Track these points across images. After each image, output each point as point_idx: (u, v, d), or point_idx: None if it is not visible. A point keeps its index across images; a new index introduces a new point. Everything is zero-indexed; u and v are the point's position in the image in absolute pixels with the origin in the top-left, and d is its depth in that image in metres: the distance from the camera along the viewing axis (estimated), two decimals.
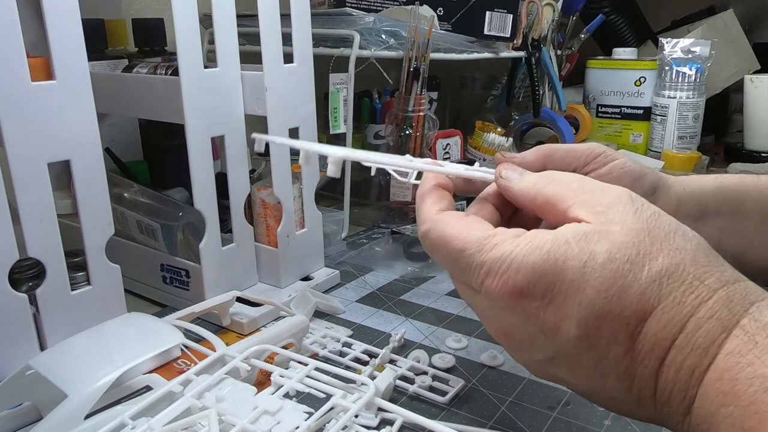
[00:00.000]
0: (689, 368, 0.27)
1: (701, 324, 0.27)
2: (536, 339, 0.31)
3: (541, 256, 0.29)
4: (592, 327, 0.28)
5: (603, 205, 0.30)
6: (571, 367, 0.31)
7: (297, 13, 0.58)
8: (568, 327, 0.29)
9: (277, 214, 0.61)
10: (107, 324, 0.46)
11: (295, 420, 0.34)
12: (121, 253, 0.54)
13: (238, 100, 0.57)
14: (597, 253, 0.28)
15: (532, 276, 0.29)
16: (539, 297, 0.29)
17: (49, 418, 0.36)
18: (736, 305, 0.28)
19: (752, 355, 0.26)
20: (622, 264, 0.28)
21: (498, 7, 0.89)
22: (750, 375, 0.25)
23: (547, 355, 0.31)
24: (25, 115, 0.43)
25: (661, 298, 0.28)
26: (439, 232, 0.33)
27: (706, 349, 0.27)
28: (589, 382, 0.31)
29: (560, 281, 0.29)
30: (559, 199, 0.32)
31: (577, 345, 0.29)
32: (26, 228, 0.44)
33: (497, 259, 0.30)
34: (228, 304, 0.53)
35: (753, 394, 0.25)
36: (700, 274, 0.28)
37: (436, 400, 0.44)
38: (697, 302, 0.28)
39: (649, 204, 0.31)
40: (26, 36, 0.42)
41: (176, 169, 0.65)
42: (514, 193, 0.34)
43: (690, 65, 1.04)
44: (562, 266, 0.29)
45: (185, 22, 0.51)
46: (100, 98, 0.47)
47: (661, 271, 0.28)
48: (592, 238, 0.29)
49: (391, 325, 0.56)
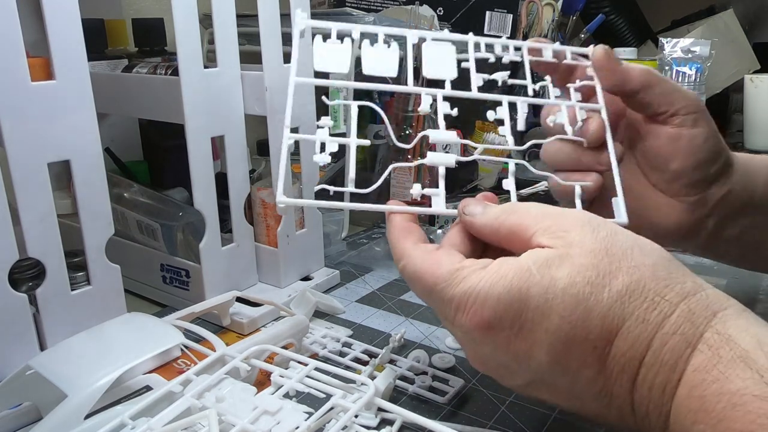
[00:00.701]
0: (660, 385, 0.27)
1: (666, 340, 0.28)
2: (511, 366, 0.31)
3: (506, 286, 0.29)
4: (561, 352, 0.29)
5: (562, 229, 0.31)
6: (549, 391, 0.31)
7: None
8: (539, 353, 0.29)
9: (277, 214, 0.61)
10: (107, 324, 0.46)
11: (295, 420, 0.34)
12: (121, 253, 0.54)
13: (238, 100, 0.57)
14: (558, 278, 0.29)
15: (498, 307, 0.29)
16: (507, 327, 0.30)
17: (49, 418, 0.36)
18: (698, 317, 0.28)
19: (717, 371, 0.26)
20: (583, 287, 0.28)
21: (498, 7, 0.90)
22: (717, 391, 0.25)
23: (525, 381, 0.32)
24: (25, 115, 0.43)
25: (625, 317, 0.28)
26: (413, 267, 0.33)
27: (673, 365, 0.27)
28: (570, 402, 0.31)
29: (526, 309, 0.29)
30: (522, 228, 0.32)
31: (550, 370, 0.30)
32: (26, 228, 0.44)
33: (465, 293, 0.30)
34: (228, 304, 0.53)
35: (721, 411, 0.25)
36: (661, 289, 0.29)
37: (436, 400, 0.44)
38: (660, 318, 0.28)
39: (606, 222, 0.32)
40: (26, 36, 0.42)
41: (176, 169, 0.65)
42: (478, 229, 0.34)
43: (690, 65, 1.04)
44: (526, 294, 0.29)
45: (185, 22, 0.51)
46: (100, 98, 0.47)
47: (622, 290, 0.28)
48: (552, 263, 0.29)
49: (391, 325, 0.56)
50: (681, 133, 0.41)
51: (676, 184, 0.43)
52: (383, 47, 0.38)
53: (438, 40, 0.39)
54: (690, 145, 0.41)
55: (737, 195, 0.44)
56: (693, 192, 0.43)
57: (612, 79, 0.41)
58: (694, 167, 0.42)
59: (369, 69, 0.37)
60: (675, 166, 0.42)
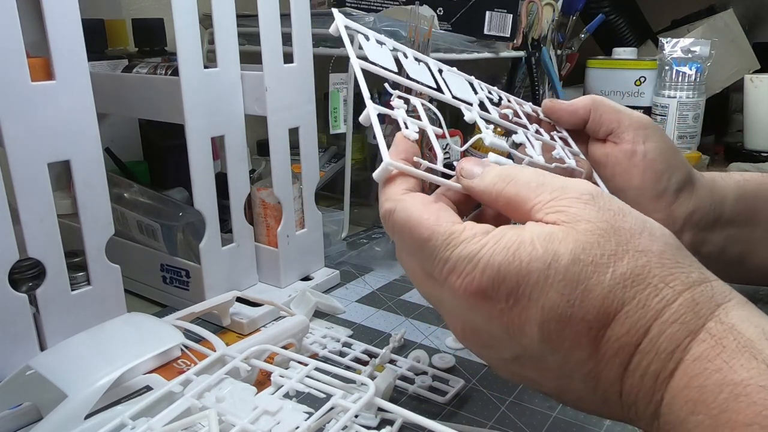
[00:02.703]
0: (654, 373, 0.27)
1: (665, 328, 0.27)
2: (502, 339, 0.30)
3: (507, 256, 0.28)
4: (554, 331, 0.28)
5: (563, 204, 0.30)
6: (536, 368, 0.30)
7: (297, 13, 0.58)
8: (531, 330, 0.28)
9: (277, 214, 0.61)
10: (107, 324, 0.46)
11: (295, 420, 0.34)
12: (121, 253, 0.54)
13: (238, 100, 0.57)
14: (561, 254, 0.28)
15: (497, 277, 0.28)
16: (503, 299, 0.28)
17: (49, 418, 0.36)
18: (702, 308, 0.27)
19: (720, 360, 0.25)
20: (586, 266, 0.28)
21: (498, 7, 0.89)
22: (719, 382, 0.25)
23: (513, 354, 0.30)
24: (25, 115, 0.43)
25: (625, 301, 0.27)
26: (405, 213, 0.31)
27: (670, 354, 0.26)
28: (556, 382, 0.30)
29: (524, 283, 0.28)
30: (520, 200, 0.31)
31: (540, 347, 0.29)
32: (26, 228, 0.44)
33: (464, 257, 0.29)
34: (228, 304, 0.53)
35: (723, 402, 0.24)
36: (665, 276, 0.28)
37: (436, 400, 0.44)
38: (662, 305, 0.27)
39: (614, 200, 0.30)
40: (26, 36, 0.42)
41: (176, 169, 0.65)
42: (476, 194, 0.33)
43: (690, 65, 1.04)
44: (527, 267, 0.28)
45: (185, 22, 0.51)
46: (100, 98, 0.47)
47: (626, 273, 0.28)
48: (556, 238, 0.28)
49: (391, 325, 0.56)
50: (635, 149, 0.44)
51: (643, 200, 0.44)
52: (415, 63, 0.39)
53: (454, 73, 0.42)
54: (645, 159, 0.44)
55: (706, 210, 0.45)
56: (660, 207, 0.44)
57: (564, 116, 0.46)
58: (653, 180, 0.44)
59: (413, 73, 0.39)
60: (636, 182, 0.44)
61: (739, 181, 0.47)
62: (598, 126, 0.46)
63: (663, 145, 0.44)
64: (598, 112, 0.46)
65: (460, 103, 0.39)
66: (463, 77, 0.42)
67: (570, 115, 0.46)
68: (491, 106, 0.42)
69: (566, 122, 0.47)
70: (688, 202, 0.44)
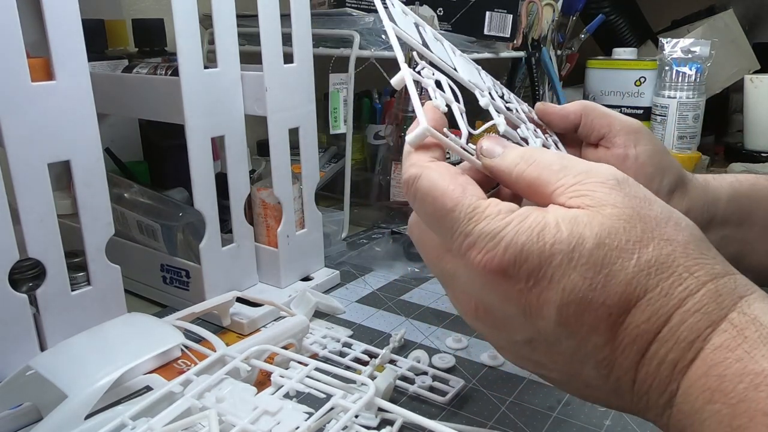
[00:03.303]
0: (672, 362, 0.27)
1: (687, 317, 0.27)
2: (515, 320, 0.30)
3: (531, 237, 0.28)
4: (573, 314, 0.28)
5: (587, 188, 0.29)
6: (548, 352, 0.30)
7: (297, 13, 0.58)
8: (549, 312, 0.28)
9: (277, 214, 0.61)
10: (107, 324, 0.46)
11: (295, 420, 0.34)
12: (121, 253, 0.54)
13: (238, 100, 0.57)
14: (586, 237, 0.27)
15: (520, 256, 0.28)
16: (524, 279, 0.28)
17: (49, 418, 0.36)
18: (724, 299, 0.27)
19: (741, 350, 0.25)
20: (611, 250, 0.27)
21: (498, 7, 0.90)
22: (739, 371, 0.25)
23: (526, 337, 0.30)
24: (25, 115, 0.43)
25: (648, 289, 0.27)
26: (431, 182, 0.30)
27: (690, 343, 0.26)
28: (567, 367, 0.30)
29: (547, 264, 0.28)
30: (542, 183, 0.30)
31: (556, 331, 0.28)
32: (26, 228, 0.44)
33: (487, 233, 0.28)
34: (228, 304, 0.53)
35: (743, 392, 0.24)
36: (690, 266, 0.28)
37: (436, 400, 0.44)
38: (685, 294, 0.27)
39: (640, 187, 0.30)
40: (26, 36, 0.42)
41: (176, 169, 0.65)
42: (497, 174, 0.33)
43: (690, 65, 1.04)
44: (551, 249, 0.27)
45: (185, 22, 0.51)
46: (100, 98, 0.47)
47: (650, 260, 0.27)
48: (581, 222, 0.28)
49: (391, 325, 0.56)
50: (627, 153, 0.44)
51: None
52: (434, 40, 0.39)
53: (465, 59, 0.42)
54: (636, 162, 0.44)
55: (700, 210, 0.45)
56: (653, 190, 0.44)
57: (556, 120, 0.47)
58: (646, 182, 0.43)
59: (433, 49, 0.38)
60: None
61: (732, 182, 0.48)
62: (589, 131, 0.46)
63: (653, 148, 0.45)
64: (588, 117, 0.46)
65: (474, 87, 0.38)
66: (473, 65, 0.43)
67: (561, 119, 0.47)
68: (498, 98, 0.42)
69: (557, 126, 0.47)
70: (682, 203, 0.45)
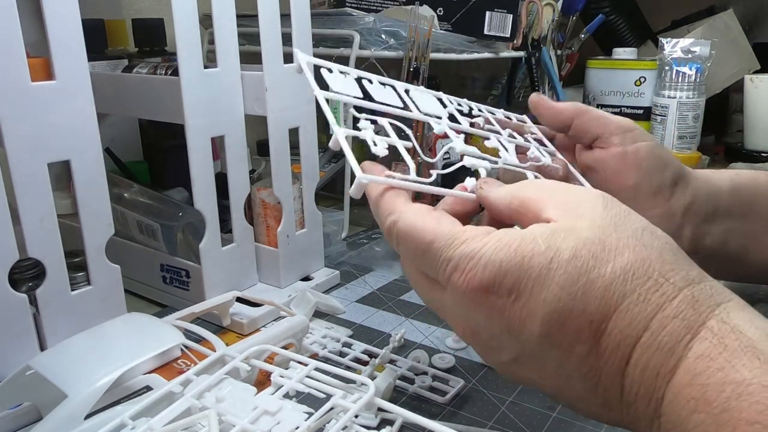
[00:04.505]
0: (654, 369, 0.27)
1: (666, 323, 0.27)
2: (501, 338, 0.30)
3: (509, 253, 0.29)
4: (555, 324, 0.28)
5: (573, 203, 0.31)
6: (536, 367, 0.31)
7: (297, 13, 0.58)
8: (532, 324, 0.29)
9: (277, 214, 0.61)
10: (107, 324, 0.46)
11: (295, 420, 0.34)
12: (121, 253, 0.54)
13: (238, 100, 0.57)
14: (563, 249, 0.28)
15: (499, 272, 0.29)
16: (505, 294, 0.29)
17: (49, 418, 0.36)
18: (701, 305, 0.27)
19: (722, 359, 0.25)
20: (587, 260, 0.28)
21: (498, 7, 0.90)
22: (721, 381, 0.25)
23: (512, 355, 0.31)
24: (25, 115, 0.43)
25: (626, 294, 0.28)
26: (408, 222, 0.32)
27: (671, 349, 0.27)
28: (556, 382, 0.31)
29: (526, 278, 0.28)
30: (534, 200, 0.32)
31: (540, 343, 0.29)
32: (26, 228, 0.44)
33: (466, 254, 0.30)
34: (228, 304, 0.53)
35: (725, 401, 0.24)
36: (666, 272, 0.28)
37: (436, 400, 0.44)
38: (662, 300, 0.27)
39: (620, 203, 0.31)
40: (26, 36, 0.42)
41: (176, 169, 0.65)
42: (492, 201, 0.34)
43: (690, 65, 1.04)
44: (529, 263, 0.28)
45: (185, 22, 0.51)
46: (100, 98, 0.47)
47: (626, 266, 0.28)
48: (558, 236, 0.29)
49: (391, 325, 0.56)
50: (625, 150, 0.45)
51: (640, 199, 0.45)
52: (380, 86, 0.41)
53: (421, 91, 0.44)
54: (636, 158, 0.45)
55: (703, 201, 0.46)
56: (658, 202, 0.45)
57: (547, 115, 0.48)
58: (648, 177, 0.45)
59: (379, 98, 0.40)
60: (631, 182, 0.45)
61: (732, 176, 0.49)
62: (583, 133, 0.47)
63: (651, 143, 0.46)
64: (581, 119, 0.47)
65: (428, 118, 0.41)
66: (432, 94, 0.45)
67: (552, 115, 0.47)
68: (462, 117, 0.44)
69: (548, 121, 0.48)
70: (685, 195, 0.46)
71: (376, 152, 0.35)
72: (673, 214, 0.46)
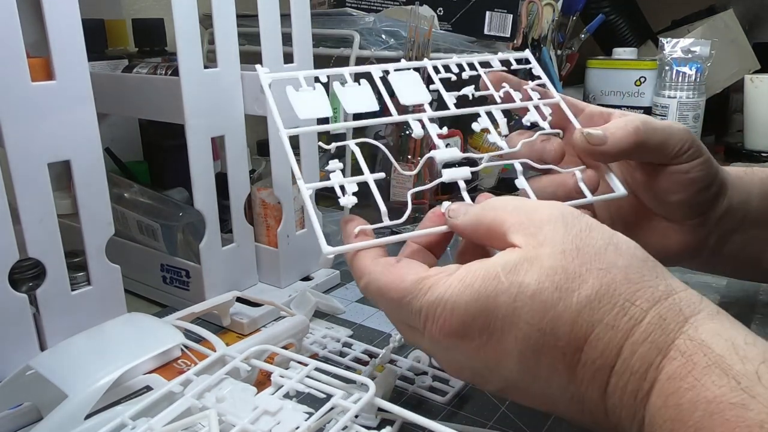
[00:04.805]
0: (632, 393, 0.27)
1: (636, 348, 0.27)
2: (484, 373, 0.31)
3: (472, 295, 0.29)
4: (530, 360, 0.29)
5: (535, 225, 0.30)
6: (524, 395, 0.32)
7: (297, 13, 0.58)
8: (509, 362, 0.29)
9: (277, 214, 0.61)
10: (107, 324, 0.46)
11: (295, 420, 0.34)
12: (121, 253, 0.54)
13: (238, 100, 0.57)
14: (526, 284, 0.28)
15: (466, 316, 0.29)
16: (477, 336, 0.29)
17: (49, 418, 0.36)
18: (669, 324, 0.27)
19: (692, 378, 0.25)
20: (552, 293, 0.28)
21: (498, 7, 0.90)
22: (693, 399, 0.25)
23: (498, 387, 0.32)
24: (25, 115, 0.43)
25: (594, 324, 0.28)
26: (376, 284, 0.33)
27: (644, 374, 0.27)
28: (545, 406, 0.32)
29: (494, 318, 0.29)
30: (498, 223, 0.32)
31: (521, 378, 0.30)
32: (26, 228, 0.44)
33: (432, 302, 0.30)
34: (228, 304, 0.53)
35: (699, 420, 0.24)
36: (631, 294, 0.28)
37: (436, 400, 0.44)
38: (631, 325, 0.27)
39: (581, 216, 0.31)
40: (26, 36, 0.42)
41: (176, 169, 0.65)
42: (461, 229, 0.34)
43: (690, 65, 1.04)
44: (494, 303, 0.29)
45: (185, 22, 0.51)
46: (100, 98, 0.47)
47: (591, 295, 0.28)
48: (521, 269, 0.29)
49: (391, 325, 0.56)
50: (679, 168, 0.42)
51: (678, 212, 0.44)
52: (354, 86, 0.40)
53: (400, 70, 0.42)
54: (687, 177, 0.42)
55: (734, 212, 0.45)
56: (695, 215, 0.44)
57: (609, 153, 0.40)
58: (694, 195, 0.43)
59: (352, 108, 0.39)
60: (675, 198, 0.43)
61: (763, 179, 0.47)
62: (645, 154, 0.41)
63: (703, 160, 0.42)
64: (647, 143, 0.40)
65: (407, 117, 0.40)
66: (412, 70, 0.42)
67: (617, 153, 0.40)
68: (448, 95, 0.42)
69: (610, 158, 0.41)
70: (721, 205, 0.44)
71: (343, 203, 0.36)
72: (704, 226, 0.44)
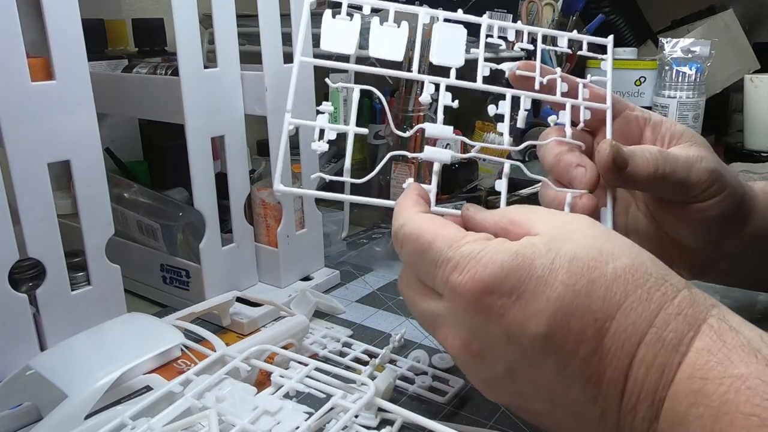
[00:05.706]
0: (660, 366, 0.27)
1: (670, 320, 0.28)
2: (497, 345, 0.30)
3: (510, 254, 0.29)
4: (561, 323, 0.28)
5: (561, 221, 0.32)
6: (531, 378, 0.30)
7: (297, 13, 0.58)
8: (536, 324, 0.28)
9: (277, 214, 0.61)
10: (107, 324, 0.46)
11: (295, 420, 0.34)
12: (121, 253, 0.54)
13: (238, 100, 0.57)
14: (563, 252, 0.29)
15: (500, 272, 0.29)
16: (506, 294, 0.29)
17: (49, 418, 0.36)
18: (700, 305, 0.28)
19: (722, 354, 0.26)
20: (587, 261, 0.29)
21: (498, 7, 0.90)
22: (720, 374, 0.25)
23: (508, 366, 0.30)
24: (25, 115, 0.43)
25: (628, 293, 0.28)
26: (414, 225, 0.33)
27: (676, 346, 0.27)
28: (551, 394, 0.30)
29: (528, 277, 0.29)
30: (523, 218, 0.33)
31: (543, 346, 0.28)
32: (26, 228, 0.44)
33: (466, 254, 0.30)
34: (228, 304, 0.53)
35: (723, 395, 0.25)
36: (663, 274, 0.29)
37: (436, 400, 0.44)
38: (664, 299, 0.28)
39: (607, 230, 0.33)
40: (26, 36, 0.42)
41: (176, 169, 0.65)
42: (479, 220, 0.35)
43: (690, 65, 1.04)
44: (530, 263, 0.29)
45: (185, 22, 0.51)
46: (100, 98, 0.47)
47: (626, 267, 0.29)
48: (557, 241, 0.30)
49: (391, 325, 0.56)
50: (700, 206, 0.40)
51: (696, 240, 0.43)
52: (393, 27, 0.37)
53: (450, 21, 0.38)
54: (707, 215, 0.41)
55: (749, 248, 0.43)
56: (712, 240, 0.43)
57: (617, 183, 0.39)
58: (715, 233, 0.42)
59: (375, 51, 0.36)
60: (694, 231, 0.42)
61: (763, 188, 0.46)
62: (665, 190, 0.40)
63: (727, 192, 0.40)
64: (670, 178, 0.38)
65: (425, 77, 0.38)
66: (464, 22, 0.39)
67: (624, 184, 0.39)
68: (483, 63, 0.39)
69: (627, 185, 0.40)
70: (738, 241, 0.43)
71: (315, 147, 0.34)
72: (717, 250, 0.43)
